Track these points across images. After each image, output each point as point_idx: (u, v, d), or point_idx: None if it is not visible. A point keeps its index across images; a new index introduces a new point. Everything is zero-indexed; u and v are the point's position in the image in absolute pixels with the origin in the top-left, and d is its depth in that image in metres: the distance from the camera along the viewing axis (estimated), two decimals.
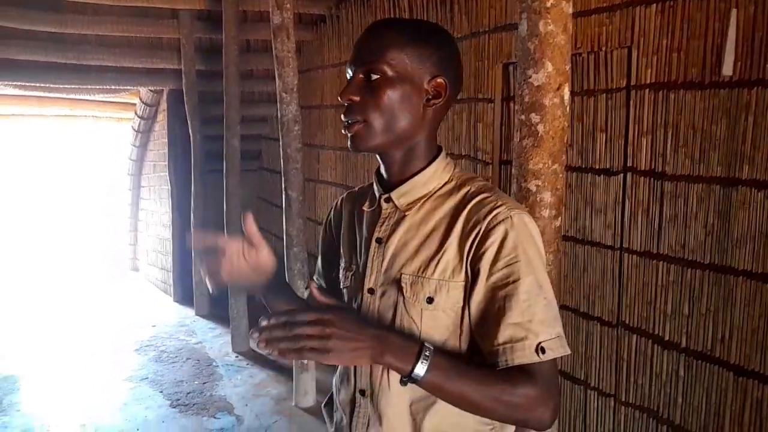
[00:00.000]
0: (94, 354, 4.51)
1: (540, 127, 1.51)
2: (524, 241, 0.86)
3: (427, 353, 0.80)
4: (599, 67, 2.34)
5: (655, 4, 2.11)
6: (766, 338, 1.88)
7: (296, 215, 3.40)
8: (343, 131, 0.94)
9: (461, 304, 0.88)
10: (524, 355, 0.82)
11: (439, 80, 0.92)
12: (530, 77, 1.51)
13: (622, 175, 2.28)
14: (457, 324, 0.88)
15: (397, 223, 0.94)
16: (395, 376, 0.88)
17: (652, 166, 2.17)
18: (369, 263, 0.95)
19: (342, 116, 0.92)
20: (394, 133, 0.91)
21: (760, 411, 1.91)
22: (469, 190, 0.92)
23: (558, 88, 1.51)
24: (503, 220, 0.86)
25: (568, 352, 0.86)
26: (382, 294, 0.93)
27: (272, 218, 5.83)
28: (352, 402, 0.96)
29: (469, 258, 0.87)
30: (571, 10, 1.51)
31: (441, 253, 0.89)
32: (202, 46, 4.94)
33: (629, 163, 2.25)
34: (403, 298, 0.89)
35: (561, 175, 1.56)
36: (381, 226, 0.95)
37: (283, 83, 3.25)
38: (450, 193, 0.94)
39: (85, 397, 3.73)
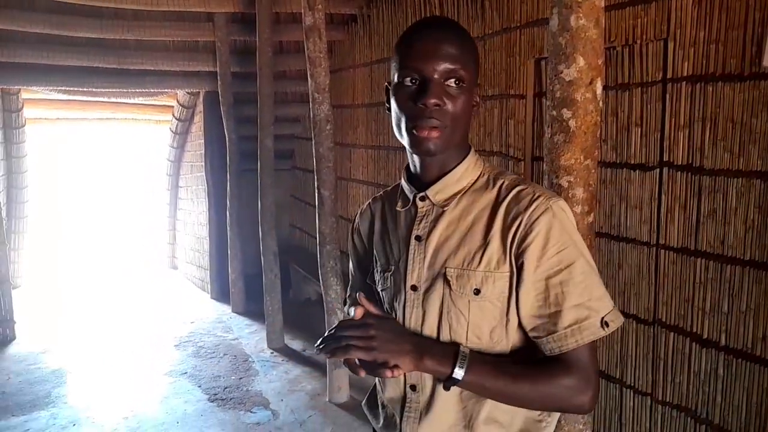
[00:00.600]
0: (136, 349, 4.66)
1: (572, 123, 1.50)
2: (567, 226, 0.91)
3: (463, 356, 0.86)
4: (634, 60, 2.30)
5: None
6: None
7: (329, 213, 3.45)
8: (413, 132, 0.92)
9: (507, 294, 0.91)
10: (592, 332, 0.87)
11: (477, 89, 0.97)
12: (561, 72, 1.50)
13: (658, 170, 2.24)
14: (504, 313, 0.92)
15: (436, 220, 0.97)
16: None
17: (690, 161, 2.13)
18: (410, 261, 0.97)
19: (414, 119, 0.91)
20: (458, 139, 0.95)
21: None
22: (503, 183, 0.96)
23: (590, 83, 1.49)
24: (544, 211, 0.90)
25: (623, 320, 0.93)
26: (427, 289, 0.95)
27: (305, 216, 5.91)
28: (403, 398, 0.98)
29: (512, 250, 0.90)
30: (603, 4, 1.49)
31: (485, 245, 0.92)
32: (236, 48, 5.04)
33: (665, 158, 2.21)
34: (450, 290, 0.92)
35: (593, 171, 1.54)
36: (419, 223, 0.98)
37: (315, 83, 3.30)
38: (485, 187, 0.97)
39: (127, 391, 3.86)
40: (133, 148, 12.72)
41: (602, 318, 0.87)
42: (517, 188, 0.94)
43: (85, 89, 5.07)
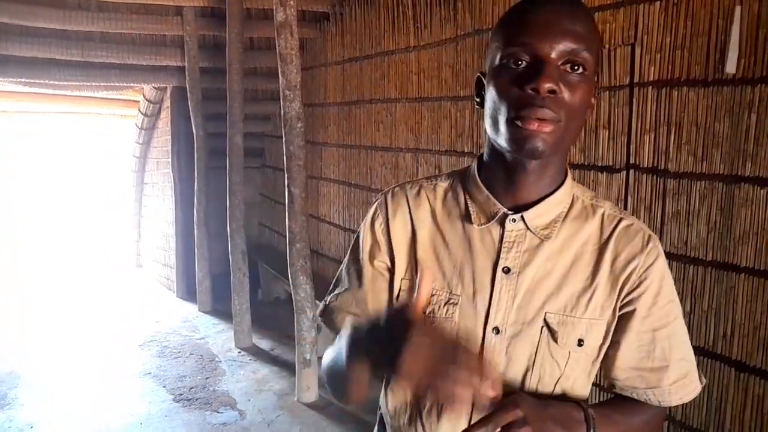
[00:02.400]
0: (98, 349, 4.53)
1: None
2: (669, 274, 0.83)
3: (592, 417, 0.77)
4: (602, 64, 2.34)
5: (658, 1, 2.11)
6: (767, 334, 1.88)
7: (299, 212, 3.41)
8: (516, 124, 0.72)
9: (600, 342, 0.81)
10: (695, 388, 0.84)
11: (595, 89, 0.79)
12: None
13: (624, 172, 2.29)
14: (591, 363, 0.82)
15: (534, 251, 0.79)
16: None
17: (655, 164, 2.18)
18: (495, 297, 0.79)
19: (520, 108, 0.71)
20: (569, 143, 0.77)
21: (761, 407, 1.91)
22: (604, 213, 0.82)
23: None
24: (658, 256, 0.80)
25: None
26: (515, 334, 0.79)
27: (275, 215, 5.85)
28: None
29: (623, 294, 0.79)
30: None
31: (591, 288, 0.79)
32: (205, 43, 4.95)
33: (632, 161, 2.26)
34: (552, 341, 0.79)
35: None
36: (508, 251, 0.79)
37: (286, 80, 3.26)
38: (585, 215, 0.82)
39: (88, 392, 3.74)
40: (98, 144, 12.39)
41: (699, 373, 0.85)
42: (625, 223, 0.81)
43: (46, 82, 4.89)
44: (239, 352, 4.37)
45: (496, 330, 0.80)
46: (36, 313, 5.46)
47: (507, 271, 0.79)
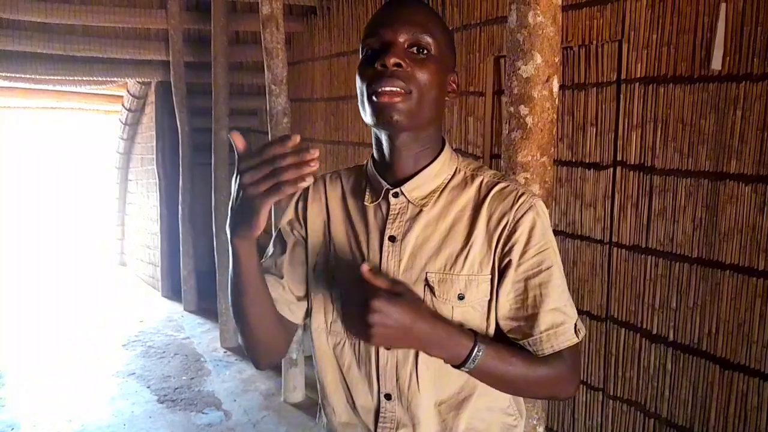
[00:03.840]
0: (82, 349, 4.46)
1: (529, 120, 1.50)
2: (547, 227, 0.87)
3: (479, 352, 0.81)
4: (590, 60, 2.33)
5: None
6: (751, 332, 1.89)
7: (285, 209, 3.37)
8: (373, 99, 0.82)
9: (489, 297, 0.87)
10: (567, 338, 0.85)
11: (455, 76, 0.90)
12: (519, 69, 1.50)
13: (611, 169, 2.28)
14: (485, 317, 0.87)
15: (413, 219, 0.88)
16: (425, 378, 0.87)
17: (642, 161, 2.17)
18: (383, 264, 0.88)
19: (373, 83, 0.82)
20: (426, 115, 0.85)
21: (744, 404, 1.92)
22: (483, 180, 0.90)
23: (547, 80, 1.49)
24: (529, 208, 0.86)
25: (585, 330, 0.91)
26: None
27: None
28: (377, 408, 0.90)
29: (498, 249, 0.86)
30: (560, 2, 1.50)
31: (468, 247, 0.86)
32: (190, 37, 4.88)
33: (619, 157, 2.25)
34: (433, 296, 0.86)
35: (549, 168, 1.55)
36: (393, 222, 0.89)
37: (272, 75, 3.22)
38: (463, 184, 0.90)
39: (71, 393, 3.68)
40: (81, 140, 12.22)
41: (575, 324, 0.86)
42: (499, 186, 0.88)
43: (27, 76, 4.80)
44: (225, 352, 4.32)
45: None
46: (18, 312, 5.36)
47: (392, 239, 0.89)
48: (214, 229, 4.33)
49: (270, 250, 1.00)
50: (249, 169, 0.71)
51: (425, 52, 0.84)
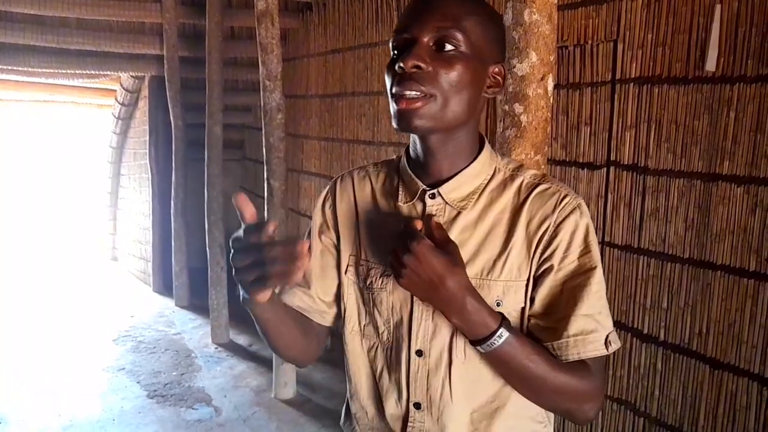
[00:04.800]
0: (71, 344, 4.43)
1: (523, 118, 1.50)
2: (591, 229, 0.83)
3: (507, 320, 0.78)
4: (585, 60, 2.33)
5: None
6: (741, 332, 1.90)
7: (279, 206, 3.36)
8: (393, 105, 0.79)
9: (523, 304, 0.83)
10: (595, 348, 0.80)
11: (500, 68, 0.83)
12: (514, 67, 1.49)
13: (605, 168, 2.29)
14: (518, 324, 0.83)
15: (451, 222, 0.84)
16: (458, 388, 0.84)
17: (635, 161, 2.18)
18: None
19: (395, 86, 0.78)
20: (454, 117, 0.80)
21: (734, 403, 1.93)
22: (523, 181, 0.86)
23: (542, 79, 1.49)
24: (573, 210, 0.82)
25: (619, 344, 0.85)
26: None
27: (254, 208, 5.77)
28: (405, 416, 0.87)
29: (538, 254, 0.82)
30: (556, 1, 1.50)
31: (506, 252, 0.83)
32: (185, 31, 4.86)
33: (612, 157, 2.26)
34: None
35: (543, 167, 1.55)
36: None
37: (266, 70, 3.21)
38: (503, 186, 0.86)
39: (61, 387, 3.66)
40: (74, 134, 12.13)
41: (607, 336, 0.81)
42: (541, 187, 0.84)
43: (20, 69, 4.76)
44: (216, 348, 4.30)
45: None
46: (7, 306, 5.32)
47: None
48: (206, 225, 4.31)
49: None
50: (240, 250, 0.71)
51: (452, 48, 0.78)
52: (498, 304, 0.82)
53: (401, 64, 0.77)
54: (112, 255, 7.33)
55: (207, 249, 4.33)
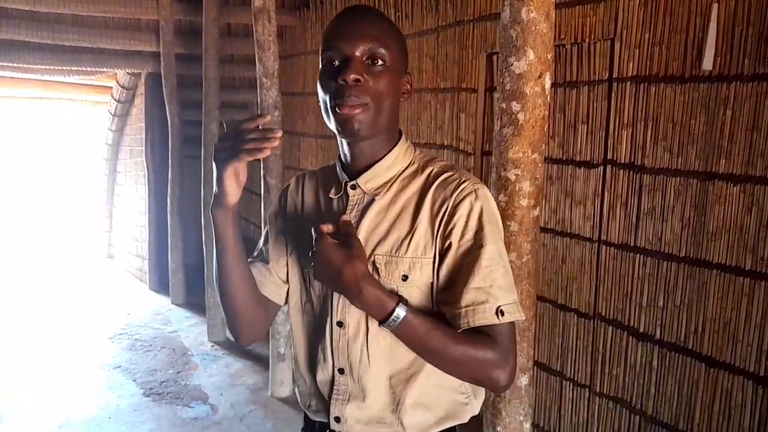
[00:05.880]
0: (67, 342, 4.41)
1: (520, 116, 1.50)
2: (487, 212, 0.93)
3: (404, 299, 0.89)
4: (582, 58, 2.33)
5: None
6: (737, 331, 1.90)
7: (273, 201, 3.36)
8: (336, 111, 0.91)
9: (431, 279, 0.93)
10: (485, 317, 0.89)
11: (408, 77, 0.99)
12: (512, 65, 1.49)
13: (602, 167, 2.29)
14: (429, 299, 0.94)
15: (366, 208, 0.97)
16: (375, 353, 0.94)
17: (632, 159, 2.18)
18: None
19: (336, 97, 0.91)
20: (384, 122, 0.94)
21: (729, 401, 1.94)
22: (432, 171, 0.98)
23: (539, 77, 1.49)
24: (469, 194, 0.92)
25: (523, 317, 0.94)
26: None
27: (251, 206, 5.76)
28: (331, 380, 0.99)
29: (439, 233, 0.93)
30: None
31: (412, 231, 0.94)
32: (181, 28, 4.84)
33: (609, 156, 2.26)
34: (379, 277, 0.93)
35: (540, 165, 1.55)
36: (350, 212, 0.98)
37: (263, 68, 3.20)
38: (414, 174, 0.98)
39: (57, 385, 3.65)
40: (69, 131, 12.08)
41: (498, 306, 0.89)
42: (445, 174, 0.96)
43: (15, 65, 4.73)
44: (212, 346, 4.30)
45: None
46: (3, 304, 5.30)
47: None
48: (203, 223, 4.30)
49: (260, 241, 1.11)
50: (220, 141, 0.86)
51: (381, 63, 0.92)
52: (405, 278, 0.93)
53: (345, 77, 0.89)
54: (108, 253, 7.31)
55: (203, 246, 4.32)
